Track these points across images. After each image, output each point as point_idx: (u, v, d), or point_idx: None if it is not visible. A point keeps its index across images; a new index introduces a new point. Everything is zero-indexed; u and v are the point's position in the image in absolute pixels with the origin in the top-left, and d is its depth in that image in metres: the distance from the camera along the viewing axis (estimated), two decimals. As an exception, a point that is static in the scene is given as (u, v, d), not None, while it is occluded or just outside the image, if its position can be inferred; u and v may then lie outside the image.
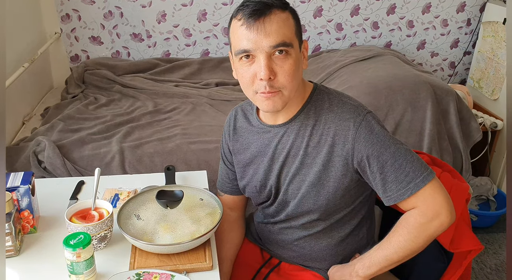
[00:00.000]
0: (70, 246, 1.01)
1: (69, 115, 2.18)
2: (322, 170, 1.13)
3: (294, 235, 1.26)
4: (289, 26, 1.04)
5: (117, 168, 1.86)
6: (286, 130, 1.16)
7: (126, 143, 1.98)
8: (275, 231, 1.30)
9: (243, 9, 1.04)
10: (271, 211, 1.28)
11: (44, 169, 1.83)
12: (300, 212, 1.20)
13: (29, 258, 1.13)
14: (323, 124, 1.12)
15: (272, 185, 1.22)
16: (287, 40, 1.03)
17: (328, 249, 1.25)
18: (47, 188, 1.39)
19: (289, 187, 1.18)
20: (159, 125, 2.19)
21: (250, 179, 1.26)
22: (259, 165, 1.23)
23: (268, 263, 1.35)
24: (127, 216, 1.20)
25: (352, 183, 1.13)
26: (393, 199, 1.08)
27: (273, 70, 1.04)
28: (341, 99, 1.14)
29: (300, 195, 1.17)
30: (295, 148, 1.15)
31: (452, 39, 2.98)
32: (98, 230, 1.12)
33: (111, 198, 1.34)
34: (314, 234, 1.23)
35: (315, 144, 1.13)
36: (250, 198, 1.34)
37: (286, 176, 1.18)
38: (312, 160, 1.14)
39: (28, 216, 1.19)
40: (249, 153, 1.25)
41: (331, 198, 1.15)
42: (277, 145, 1.18)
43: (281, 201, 1.22)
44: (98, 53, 2.78)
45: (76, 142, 1.94)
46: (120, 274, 1.04)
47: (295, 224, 1.24)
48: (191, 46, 2.84)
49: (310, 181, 1.14)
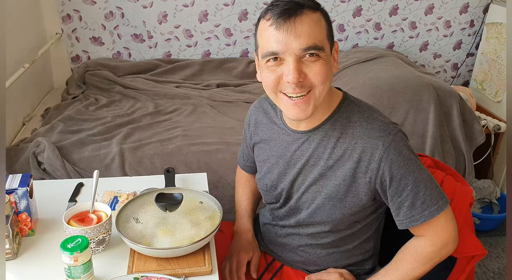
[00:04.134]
0: (68, 249, 0.99)
1: (69, 116, 2.16)
2: (342, 185, 1.10)
3: (301, 242, 1.24)
4: (321, 28, 1.00)
5: (117, 170, 1.84)
6: (308, 137, 1.13)
7: (126, 144, 1.97)
8: (282, 234, 1.28)
9: (272, 8, 1.00)
10: (280, 214, 1.26)
11: (43, 170, 1.81)
12: (311, 222, 1.18)
13: (27, 261, 1.12)
14: (350, 138, 1.08)
15: (284, 189, 1.20)
16: (319, 43, 0.99)
17: (333, 257, 1.24)
18: (46, 190, 1.38)
19: (303, 195, 1.16)
20: (159, 126, 2.18)
21: (263, 175, 1.25)
22: (274, 165, 1.21)
23: (271, 267, 1.33)
24: (126, 219, 1.18)
25: (370, 201, 1.12)
26: (405, 224, 1.08)
27: (302, 71, 1.01)
28: (371, 114, 1.10)
29: (315, 206, 1.15)
30: (315, 158, 1.13)
31: (455, 41, 2.96)
32: (96, 233, 1.10)
33: (110, 201, 1.33)
34: (322, 244, 1.22)
35: (338, 157, 1.09)
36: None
37: (301, 183, 1.16)
38: (332, 172, 1.11)
39: (26, 218, 1.18)
40: (267, 149, 1.22)
41: (346, 214, 1.13)
42: (296, 151, 1.15)
43: (293, 207, 1.20)
44: (99, 53, 2.77)
45: (76, 143, 1.93)
46: (118, 278, 1.02)
47: (304, 232, 1.22)
48: (192, 47, 2.82)
49: (327, 194, 1.12)
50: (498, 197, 2.50)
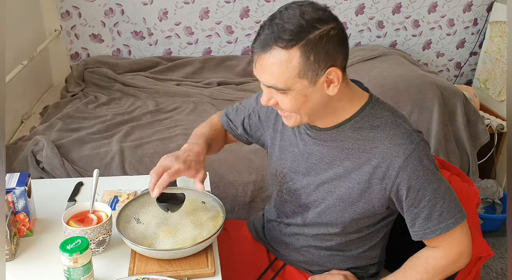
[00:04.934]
0: (67, 251, 0.96)
1: (69, 114, 2.14)
2: (356, 188, 1.07)
3: (305, 242, 1.22)
4: (287, 69, 0.93)
5: (117, 169, 1.82)
6: (326, 135, 1.09)
7: (126, 143, 1.94)
8: (286, 233, 1.25)
9: (258, 33, 0.96)
10: (287, 210, 1.23)
11: (42, 169, 1.79)
12: (318, 222, 1.16)
13: (24, 262, 1.09)
14: (371, 142, 1.05)
15: (292, 179, 1.17)
16: (280, 84, 0.95)
17: (337, 260, 1.22)
18: (44, 189, 1.35)
19: (313, 193, 1.14)
20: (160, 124, 2.15)
21: (273, 159, 1.22)
22: (288, 152, 1.18)
23: (274, 265, 1.31)
24: (127, 219, 1.16)
25: (382, 208, 1.09)
26: (419, 236, 1.06)
27: (273, 97, 1.00)
28: (395, 120, 1.06)
29: (324, 205, 1.12)
30: (330, 156, 1.09)
31: (458, 39, 2.94)
32: (96, 234, 1.08)
33: (110, 200, 1.30)
34: (327, 246, 1.19)
35: (355, 159, 1.06)
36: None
37: (313, 180, 1.13)
38: (347, 174, 1.07)
39: (24, 218, 1.15)
40: (285, 136, 1.19)
41: (355, 218, 1.11)
42: (312, 146, 1.12)
43: (301, 203, 1.18)
44: (98, 51, 2.73)
45: (75, 142, 1.90)
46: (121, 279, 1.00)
47: (309, 233, 1.20)
48: (193, 44, 2.79)
49: (339, 195, 1.09)
50: (501, 197, 2.48)
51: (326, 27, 0.93)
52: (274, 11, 0.98)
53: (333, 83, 0.98)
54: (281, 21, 0.93)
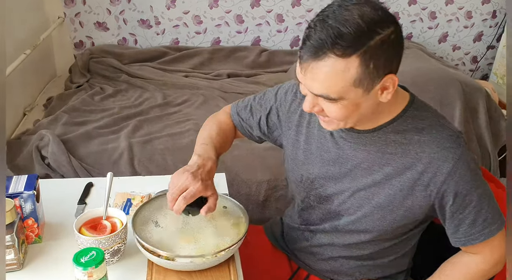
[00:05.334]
0: (81, 264, 0.89)
1: (74, 107, 2.05)
2: (397, 196, 0.99)
3: (334, 253, 1.14)
4: (342, 78, 0.85)
5: (125, 166, 1.74)
6: (365, 138, 1.01)
7: (135, 138, 1.85)
8: (313, 243, 1.17)
9: (306, 39, 0.86)
10: (313, 218, 1.15)
11: (47, 165, 1.70)
12: (351, 230, 1.08)
13: (34, 272, 1.01)
14: (416, 146, 0.96)
15: (322, 186, 1.09)
16: (332, 94, 0.87)
17: (367, 269, 1.15)
18: (52, 190, 1.26)
19: (348, 200, 1.06)
20: (169, 119, 2.07)
21: (300, 164, 1.12)
22: (315, 157, 1.09)
23: (296, 276, 1.23)
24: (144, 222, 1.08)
25: (422, 215, 1.02)
26: (462, 242, 1.00)
27: (319, 104, 0.92)
28: (439, 121, 0.98)
29: (361, 214, 1.04)
30: (369, 162, 1.01)
31: (476, 32, 2.84)
32: (111, 243, 1.00)
33: (123, 204, 1.22)
34: (358, 256, 1.12)
35: (398, 164, 0.98)
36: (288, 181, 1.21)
37: (348, 187, 1.05)
38: (387, 181, 1.00)
39: (33, 224, 1.07)
40: (310, 137, 1.10)
41: (394, 226, 1.03)
42: (347, 150, 1.03)
43: (332, 211, 1.10)
44: (103, 40, 2.63)
45: (82, 137, 1.82)
46: (137, 295, 0.92)
47: (339, 242, 1.12)
48: (202, 34, 2.69)
49: (378, 202, 1.02)
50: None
51: (387, 30, 0.84)
52: (322, 7, 0.88)
53: (387, 90, 0.89)
54: (337, 24, 0.83)
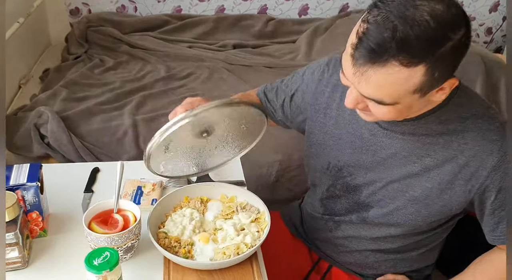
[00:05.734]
0: (94, 268, 0.81)
1: (73, 81, 1.93)
2: (435, 189, 0.92)
3: (360, 245, 1.07)
4: (402, 86, 0.75)
5: (130, 145, 1.64)
6: (403, 126, 0.92)
7: (139, 115, 1.75)
8: (337, 234, 1.10)
9: (363, 36, 0.74)
10: (338, 208, 1.07)
11: (47, 145, 1.61)
12: (382, 222, 1.01)
13: (40, 270, 0.93)
14: (460, 137, 0.88)
15: (351, 175, 1.01)
16: (387, 100, 0.78)
17: (394, 263, 1.08)
18: (55, 176, 1.17)
19: (379, 192, 0.98)
20: (174, 94, 1.96)
21: (328, 150, 1.04)
22: (345, 143, 1.01)
23: (318, 267, 1.17)
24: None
25: (459, 210, 0.94)
26: (501, 241, 0.93)
27: (363, 101, 0.83)
28: (487, 110, 0.89)
29: (393, 207, 0.97)
30: (407, 151, 0.93)
31: (492, 2, 2.70)
32: (124, 240, 0.92)
33: (133, 193, 1.13)
34: (385, 249, 1.05)
35: (438, 156, 0.90)
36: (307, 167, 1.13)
37: (380, 177, 0.97)
38: (425, 173, 0.92)
39: (37, 218, 0.98)
40: (341, 122, 1.01)
41: (428, 221, 0.96)
42: (383, 138, 0.95)
43: (360, 202, 1.02)
44: (101, 6, 2.48)
45: (82, 114, 1.71)
46: (155, 299, 0.85)
47: (366, 235, 1.05)
48: (205, 1, 2.54)
49: (413, 196, 0.94)
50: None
51: (459, 34, 0.73)
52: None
53: (442, 90, 0.80)
54: (403, 24, 0.71)
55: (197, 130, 0.96)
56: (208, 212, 1.05)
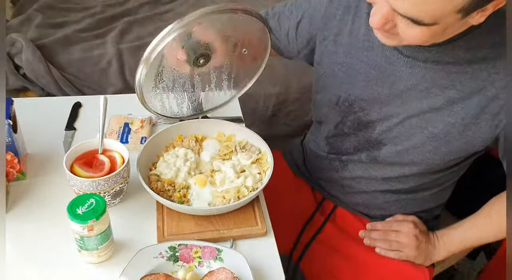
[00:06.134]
0: (78, 217, 0.71)
1: (49, 4, 1.74)
2: (458, 125, 0.82)
3: (368, 186, 1.00)
4: (450, 3, 0.64)
5: (115, 76, 1.51)
6: (427, 53, 0.80)
7: (123, 44, 1.60)
8: (343, 174, 1.02)
9: None
10: (346, 146, 0.99)
11: (23, 76, 1.46)
12: (394, 162, 0.92)
13: (20, 217, 0.85)
14: (490, 66, 0.77)
15: (364, 109, 0.91)
16: (427, 19, 0.66)
17: (405, 204, 1.01)
18: (33, 112, 1.05)
19: (395, 128, 0.89)
20: (161, 19, 1.79)
21: (333, 80, 0.94)
22: (358, 74, 0.90)
23: (322, 208, 1.10)
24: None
25: (481, 147, 0.85)
26: None
27: (393, 20, 0.70)
28: None
29: (409, 144, 0.88)
30: (429, 82, 0.82)
31: None
32: (112, 184, 0.82)
33: (120, 130, 1.02)
34: (396, 190, 0.97)
35: (464, 88, 0.80)
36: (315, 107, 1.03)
37: (396, 112, 0.87)
38: (448, 106, 0.82)
39: (12, 159, 0.88)
40: (353, 51, 0.90)
41: (447, 159, 0.87)
42: (402, 67, 0.84)
43: (372, 139, 0.93)
44: None
45: (61, 42, 1.56)
46: (148, 248, 0.77)
47: (376, 176, 0.97)
48: None
49: (433, 133, 0.85)
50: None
51: None
52: None
53: (483, 12, 0.68)
54: None
55: (192, 54, 0.83)
56: (204, 152, 0.95)
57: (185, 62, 0.84)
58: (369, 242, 1.01)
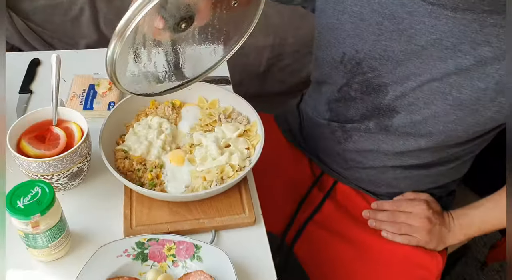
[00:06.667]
0: (19, 212, 0.57)
1: None
2: (489, 90, 0.68)
3: (376, 161, 0.86)
4: None
5: (88, 26, 1.33)
6: (452, 4, 0.65)
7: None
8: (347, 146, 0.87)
9: None
10: (351, 113, 0.84)
11: (-19, 26, 1.28)
12: (409, 133, 0.78)
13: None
14: None
15: (375, 70, 0.76)
16: None
17: (416, 180, 0.87)
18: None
19: (411, 93, 0.74)
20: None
21: (337, 34, 0.78)
22: (368, 26, 0.74)
23: (320, 183, 0.96)
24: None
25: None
26: None
27: None
28: None
29: (429, 113, 0.73)
30: (457, 37, 0.67)
31: None
32: (67, 165, 0.68)
33: (83, 93, 0.87)
34: (409, 165, 0.83)
35: (502, 44, 0.65)
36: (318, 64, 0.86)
37: (414, 73, 0.72)
38: (480, 68, 0.67)
39: None
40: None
41: (471, 131, 0.74)
42: (424, 17, 0.68)
43: (383, 105, 0.78)
44: None
45: (24, -15, 1.36)
46: (111, 245, 0.63)
47: (386, 149, 0.82)
48: None
49: (458, 99, 0.70)
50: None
51: None
52: None
53: None
54: None
55: (171, 20, 0.65)
56: (182, 121, 0.80)
57: (164, 30, 0.65)
58: (375, 224, 0.88)
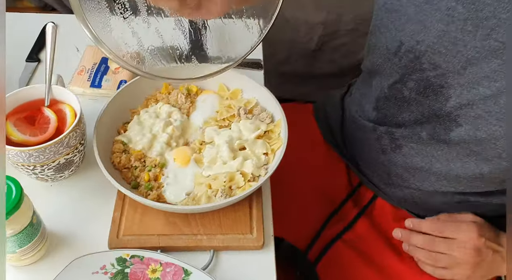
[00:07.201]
0: (-22, 213, 0.49)
1: None
2: None
3: (426, 184, 0.71)
4: None
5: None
6: None
7: None
8: (394, 158, 0.72)
9: None
10: (403, 117, 0.69)
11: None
12: (470, 153, 0.62)
13: None
14: None
15: (437, 68, 0.60)
16: None
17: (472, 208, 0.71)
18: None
19: (482, 103, 0.57)
20: None
21: (395, 19, 0.63)
22: (433, 11, 0.58)
23: (357, 195, 0.82)
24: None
25: None
26: None
27: None
28: None
29: (501, 132, 0.57)
30: None
31: None
32: (52, 156, 0.58)
33: (94, 67, 0.76)
34: (465, 193, 0.68)
35: None
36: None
37: (490, 78, 0.56)
38: None
39: None
40: None
41: None
42: (507, 3, 0.52)
43: (443, 113, 0.62)
44: None
45: None
46: (87, 258, 0.53)
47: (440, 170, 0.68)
48: None
49: None
50: None
51: None
52: None
53: None
54: None
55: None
56: (196, 111, 0.68)
57: None
58: (407, 249, 0.74)
